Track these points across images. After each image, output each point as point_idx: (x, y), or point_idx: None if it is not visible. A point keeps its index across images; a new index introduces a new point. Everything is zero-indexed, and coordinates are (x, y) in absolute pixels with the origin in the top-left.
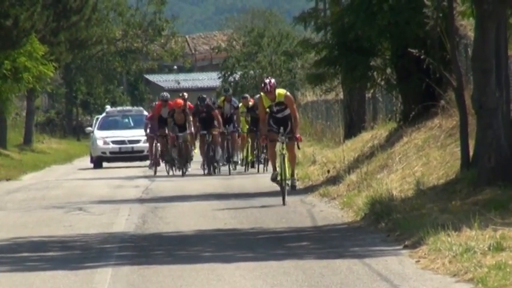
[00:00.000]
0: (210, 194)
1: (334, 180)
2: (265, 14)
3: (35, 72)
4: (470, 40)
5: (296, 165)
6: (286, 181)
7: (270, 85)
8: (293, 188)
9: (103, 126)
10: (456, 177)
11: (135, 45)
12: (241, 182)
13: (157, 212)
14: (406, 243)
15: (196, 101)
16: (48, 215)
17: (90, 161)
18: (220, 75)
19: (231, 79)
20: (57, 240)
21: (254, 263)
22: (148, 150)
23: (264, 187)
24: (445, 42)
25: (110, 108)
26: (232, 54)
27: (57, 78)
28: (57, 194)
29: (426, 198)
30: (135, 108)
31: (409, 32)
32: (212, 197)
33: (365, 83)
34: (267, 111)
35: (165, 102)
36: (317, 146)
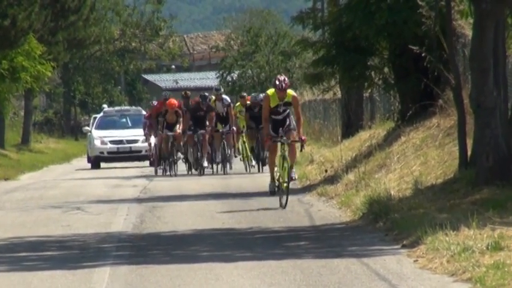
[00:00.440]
0: (208, 194)
1: (332, 179)
2: (263, 14)
3: (33, 71)
4: (468, 39)
5: (294, 165)
6: (284, 184)
7: (285, 83)
8: (291, 179)
9: (101, 126)
10: (454, 176)
11: (133, 44)
12: (239, 182)
13: (155, 212)
14: (404, 243)
15: (182, 98)
16: (46, 214)
17: (88, 160)
18: (218, 75)
19: (229, 79)
20: (55, 239)
21: (252, 263)
22: (147, 150)
23: (262, 186)
24: (443, 42)
25: (107, 107)
26: (230, 54)
27: (55, 77)
28: (55, 194)
29: (424, 197)
30: (133, 107)
31: (407, 31)
32: (210, 196)
33: (363, 83)
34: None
35: (166, 101)
36: (315, 145)
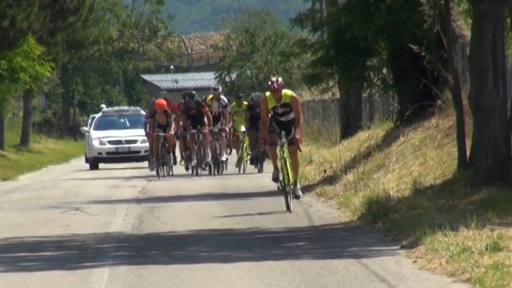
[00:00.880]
0: (207, 194)
1: (331, 180)
2: (262, 15)
3: (32, 72)
4: (467, 40)
5: (297, 181)
6: (290, 187)
7: (278, 83)
8: (297, 198)
9: (99, 126)
10: (453, 177)
11: (132, 45)
12: (237, 182)
13: (154, 212)
14: (403, 243)
15: (183, 97)
16: (45, 215)
17: (85, 161)
18: (216, 75)
19: (228, 79)
20: (54, 240)
21: (251, 263)
22: (147, 150)
23: (261, 187)
24: (442, 42)
25: (106, 107)
26: (228, 54)
27: (54, 78)
28: (54, 194)
29: (423, 198)
30: (132, 108)
31: (406, 32)
32: (209, 197)
33: (362, 83)
34: (270, 114)
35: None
36: (314, 145)
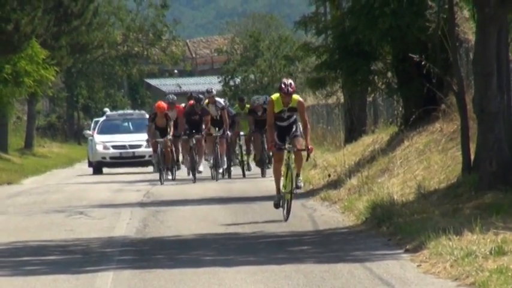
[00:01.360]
0: (211, 198)
1: (335, 184)
2: (266, 19)
3: (36, 76)
4: (472, 44)
5: (300, 173)
6: (291, 195)
7: (292, 87)
8: (297, 188)
9: (103, 130)
10: (457, 181)
11: (136, 49)
12: (242, 186)
13: (159, 216)
14: (408, 247)
15: (187, 100)
16: (49, 219)
17: (88, 165)
18: (220, 79)
19: (232, 83)
20: (58, 244)
21: (255, 267)
22: (151, 155)
23: (265, 191)
24: (447, 46)
25: (110, 111)
26: (232, 58)
27: (58, 82)
28: (58, 198)
29: (427, 202)
30: (137, 111)
31: (411, 36)
32: (213, 201)
33: (366, 87)
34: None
35: (172, 105)
36: (318, 150)
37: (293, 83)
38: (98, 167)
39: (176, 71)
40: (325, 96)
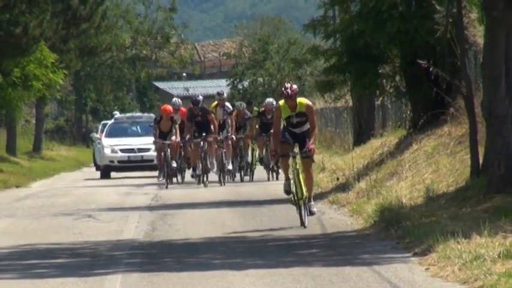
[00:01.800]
0: (219, 202)
1: (344, 187)
2: (274, 22)
3: (45, 80)
4: (480, 47)
5: (311, 196)
6: (304, 201)
7: (292, 89)
8: (311, 214)
9: (111, 134)
10: (466, 184)
11: (144, 52)
12: (250, 190)
13: (167, 219)
14: (416, 251)
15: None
16: (57, 222)
17: (96, 168)
18: (229, 83)
19: (240, 86)
20: (67, 247)
21: (263, 270)
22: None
23: (274, 194)
24: (455, 49)
25: (119, 114)
26: (241, 61)
27: (66, 85)
28: (66, 201)
29: (436, 205)
30: (145, 114)
31: (419, 39)
32: (221, 204)
33: (374, 90)
34: (283, 124)
35: (176, 110)
36: (326, 153)
37: (294, 86)
38: (105, 171)
39: (185, 74)
40: (334, 99)
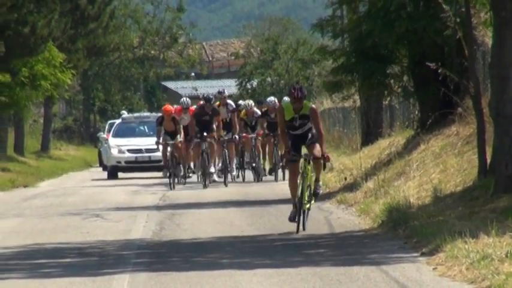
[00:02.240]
0: (227, 201)
1: (352, 187)
2: (283, 22)
3: (53, 79)
4: (489, 47)
5: (319, 178)
6: (306, 205)
7: (301, 92)
8: (315, 196)
9: (118, 134)
10: (473, 184)
11: (152, 52)
12: (257, 190)
13: (175, 219)
14: (424, 250)
15: (200, 102)
16: (65, 221)
17: (103, 168)
18: (237, 83)
19: (249, 86)
20: (75, 246)
21: (271, 270)
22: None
23: (281, 194)
24: (463, 49)
25: (126, 114)
26: (249, 61)
27: (74, 85)
28: (74, 201)
29: (443, 205)
30: (153, 114)
31: (427, 39)
32: (229, 204)
33: (382, 91)
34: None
35: (185, 109)
36: (334, 153)
37: (303, 88)
38: (112, 172)
39: (193, 74)
40: (342, 99)
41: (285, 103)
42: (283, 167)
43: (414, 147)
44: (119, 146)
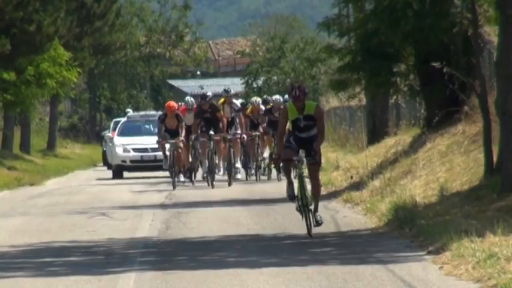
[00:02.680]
0: (233, 200)
1: (358, 186)
2: (289, 20)
3: (59, 78)
4: (495, 46)
5: (318, 205)
6: (310, 207)
7: (301, 90)
8: (317, 225)
9: (123, 132)
10: (480, 183)
11: (158, 50)
12: (263, 188)
13: (181, 218)
14: (430, 249)
15: (198, 99)
16: (71, 220)
17: (108, 167)
18: (243, 81)
19: (254, 85)
20: (81, 245)
21: (277, 269)
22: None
23: None
24: (470, 48)
25: (132, 112)
26: (255, 60)
27: (80, 83)
28: (80, 199)
29: (450, 204)
30: (159, 113)
31: (433, 38)
32: (235, 202)
33: (388, 89)
34: (290, 128)
35: (189, 109)
36: (340, 151)
37: (303, 87)
38: (117, 171)
39: (199, 72)
40: (348, 98)
41: (289, 104)
42: (269, 166)
43: (420, 146)
44: (124, 145)
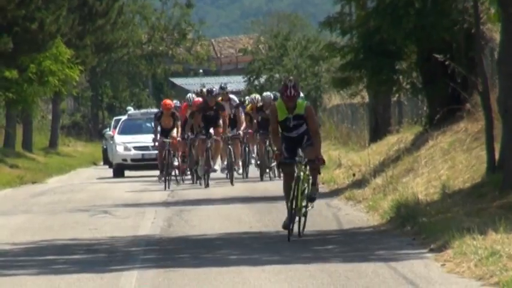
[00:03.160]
0: (235, 198)
1: (360, 183)
2: (291, 18)
3: (61, 75)
4: (497, 43)
5: (316, 182)
6: (301, 210)
7: (295, 89)
8: (311, 200)
9: (124, 131)
10: (482, 180)
11: (161, 48)
12: (265, 186)
13: (183, 215)
14: (432, 247)
15: (204, 93)
16: (73, 218)
17: (109, 166)
18: (245, 79)
19: (257, 82)
20: (83, 243)
21: (280, 266)
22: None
23: None
24: (472, 46)
25: (133, 110)
26: (257, 58)
27: (82, 81)
28: (82, 197)
29: (452, 201)
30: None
31: (435, 36)
32: (237, 200)
33: (390, 87)
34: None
35: (190, 106)
36: (342, 149)
37: (297, 86)
38: (118, 170)
39: (201, 71)
40: (350, 95)
41: (278, 102)
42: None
43: (422, 144)
44: (124, 143)
